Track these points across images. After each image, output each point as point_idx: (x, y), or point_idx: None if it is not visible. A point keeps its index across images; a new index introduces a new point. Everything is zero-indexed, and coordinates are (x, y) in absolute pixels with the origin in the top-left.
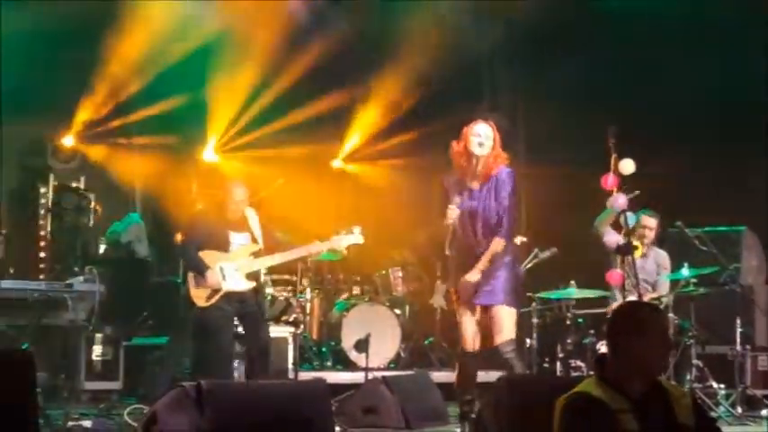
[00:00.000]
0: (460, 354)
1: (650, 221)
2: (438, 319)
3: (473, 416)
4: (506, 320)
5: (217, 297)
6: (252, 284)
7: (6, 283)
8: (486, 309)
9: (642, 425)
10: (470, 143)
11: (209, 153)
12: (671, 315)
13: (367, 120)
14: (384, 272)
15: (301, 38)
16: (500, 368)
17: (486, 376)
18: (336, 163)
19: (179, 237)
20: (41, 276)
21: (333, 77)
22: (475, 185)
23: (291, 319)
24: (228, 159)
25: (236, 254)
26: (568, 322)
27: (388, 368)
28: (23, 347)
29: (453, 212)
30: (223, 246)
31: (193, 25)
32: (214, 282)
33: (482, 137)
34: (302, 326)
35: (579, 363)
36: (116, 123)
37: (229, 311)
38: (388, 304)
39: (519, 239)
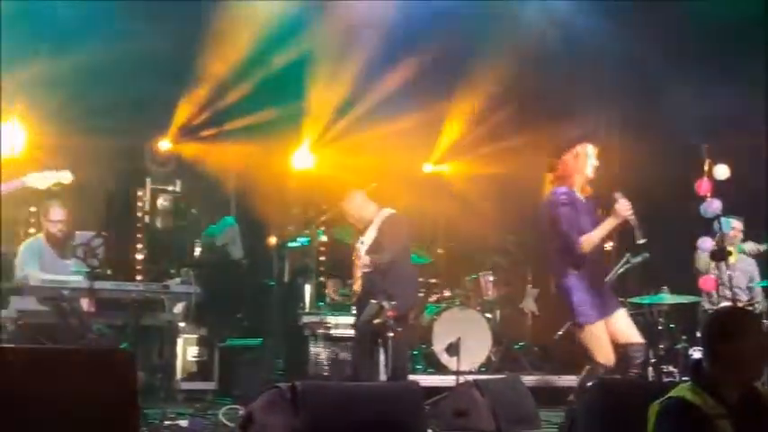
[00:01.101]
0: (602, 371)
1: (739, 224)
2: (529, 324)
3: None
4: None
5: None
6: None
7: (105, 285)
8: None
9: (738, 431)
10: (587, 165)
11: (303, 158)
12: (766, 321)
13: (459, 127)
14: (475, 276)
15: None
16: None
17: (575, 381)
18: (428, 168)
19: (272, 240)
20: (139, 278)
21: (428, 86)
22: (583, 200)
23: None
24: (321, 165)
25: None
26: (660, 327)
27: (478, 372)
28: (123, 347)
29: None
30: None
31: (294, 30)
32: None
33: (594, 159)
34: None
35: (671, 368)
36: (212, 128)
37: None
38: (479, 308)
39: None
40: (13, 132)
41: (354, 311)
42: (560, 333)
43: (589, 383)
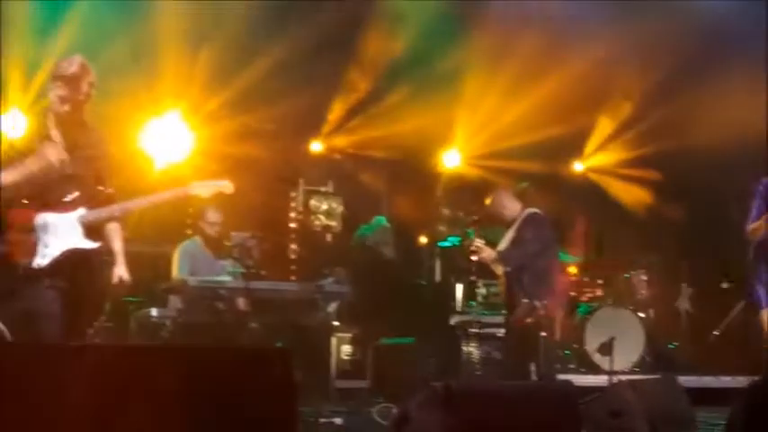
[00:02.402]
0: None
1: None
2: (684, 323)
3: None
4: None
5: None
6: None
7: (260, 285)
8: None
9: None
10: None
11: (453, 159)
12: None
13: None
14: (627, 275)
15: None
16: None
17: (732, 381)
18: (578, 166)
19: (424, 240)
20: (293, 278)
21: (581, 95)
22: None
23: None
24: (471, 167)
25: None
26: None
27: (632, 372)
28: (278, 345)
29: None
30: None
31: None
32: None
33: None
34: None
35: None
36: (364, 129)
37: None
38: (632, 307)
39: None
40: (180, 136)
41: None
42: (717, 332)
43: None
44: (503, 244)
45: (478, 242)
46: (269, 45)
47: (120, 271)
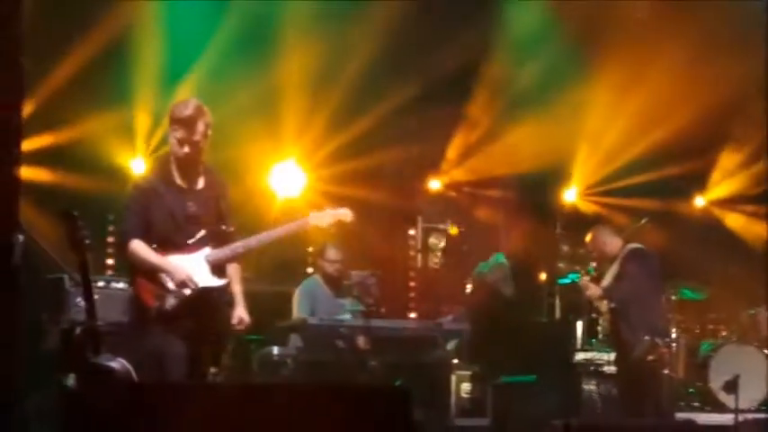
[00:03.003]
0: None
1: None
2: None
3: None
4: None
5: None
6: None
7: (380, 323)
8: None
9: None
10: None
11: (571, 194)
12: None
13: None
14: (752, 311)
15: None
16: None
17: None
18: (699, 201)
19: (543, 277)
20: (412, 315)
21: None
22: None
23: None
24: (589, 203)
25: None
26: None
27: (758, 410)
28: (398, 384)
29: None
30: None
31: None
32: None
33: None
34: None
35: None
36: (481, 166)
37: None
38: (757, 344)
39: None
40: (292, 174)
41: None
42: None
43: None
44: (606, 280)
45: (585, 279)
46: (389, 87)
47: (240, 312)
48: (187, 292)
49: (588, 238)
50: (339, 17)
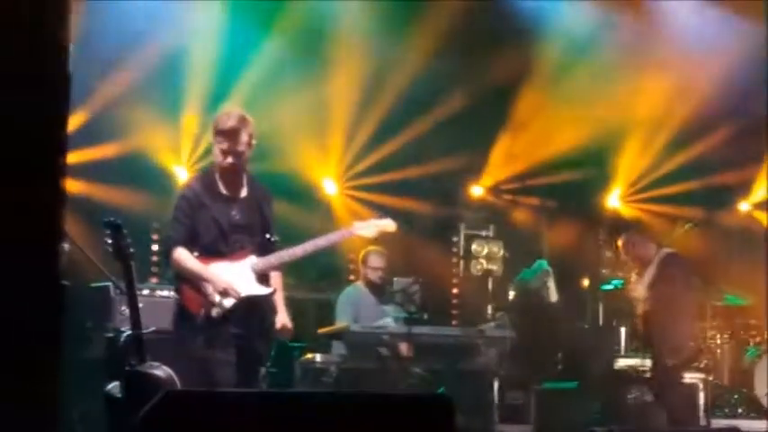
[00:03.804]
0: None
1: None
2: None
3: None
4: None
5: None
6: None
7: (423, 330)
8: None
9: None
10: None
11: (613, 199)
12: None
13: None
14: None
15: None
16: None
17: None
18: (744, 206)
19: (586, 283)
20: (455, 323)
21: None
22: None
23: (702, 365)
24: (633, 209)
25: None
26: None
27: None
28: (440, 391)
29: None
30: None
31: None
32: None
33: None
34: (713, 372)
35: None
36: (525, 173)
37: None
38: None
39: None
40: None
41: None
42: None
43: None
44: (642, 285)
45: (633, 282)
46: (435, 97)
47: (283, 318)
48: (230, 300)
49: (620, 242)
50: (387, 31)
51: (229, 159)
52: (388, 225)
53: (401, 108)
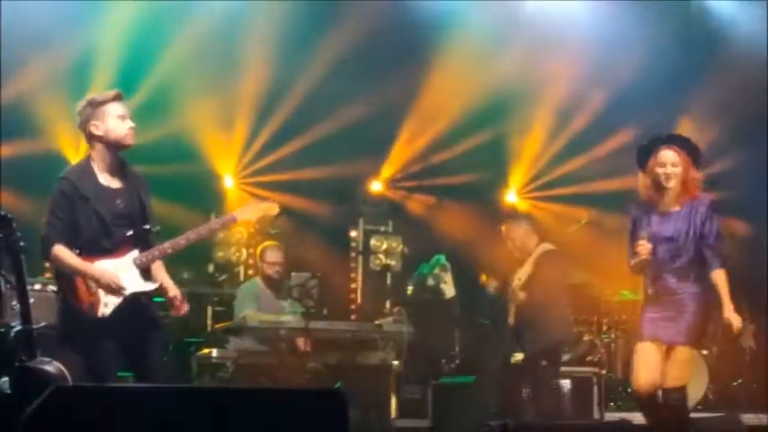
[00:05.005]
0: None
1: None
2: (747, 360)
3: None
4: None
5: None
6: None
7: (320, 324)
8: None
9: None
10: (659, 173)
11: (511, 195)
12: None
13: None
14: None
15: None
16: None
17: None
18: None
19: (484, 278)
20: (353, 317)
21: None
22: (668, 210)
23: (596, 360)
24: (530, 200)
25: None
26: None
27: (695, 409)
28: (337, 386)
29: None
30: None
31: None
32: None
33: (668, 166)
34: (607, 366)
35: None
36: (421, 166)
37: None
38: None
39: None
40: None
41: None
42: None
43: None
44: (518, 280)
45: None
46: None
47: (174, 290)
48: (116, 298)
49: (504, 227)
50: (295, 37)
51: (129, 123)
52: (271, 206)
53: (304, 112)
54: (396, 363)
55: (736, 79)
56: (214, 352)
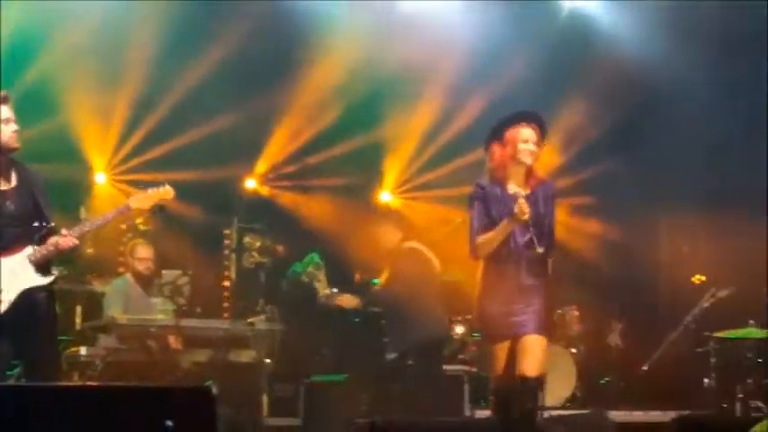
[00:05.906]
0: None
1: None
2: (614, 358)
3: None
4: None
5: None
6: None
7: (191, 322)
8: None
9: None
10: (519, 152)
11: (385, 194)
12: None
13: None
14: (560, 311)
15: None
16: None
17: (662, 416)
18: None
19: (358, 276)
20: (225, 315)
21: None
22: (520, 191)
23: (467, 358)
24: (404, 200)
25: None
26: (748, 363)
27: (563, 407)
28: (207, 384)
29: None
30: None
31: (374, 62)
32: None
33: (532, 144)
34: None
35: (759, 404)
36: (296, 165)
37: None
38: (563, 343)
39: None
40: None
41: None
42: (646, 367)
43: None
44: (378, 280)
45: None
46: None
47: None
48: (12, 296)
49: (374, 225)
50: (175, 40)
51: (13, 126)
52: (166, 192)
53: (181, 113)
54: (268, 361)
55: (605, 82)
56: (83, 350)
